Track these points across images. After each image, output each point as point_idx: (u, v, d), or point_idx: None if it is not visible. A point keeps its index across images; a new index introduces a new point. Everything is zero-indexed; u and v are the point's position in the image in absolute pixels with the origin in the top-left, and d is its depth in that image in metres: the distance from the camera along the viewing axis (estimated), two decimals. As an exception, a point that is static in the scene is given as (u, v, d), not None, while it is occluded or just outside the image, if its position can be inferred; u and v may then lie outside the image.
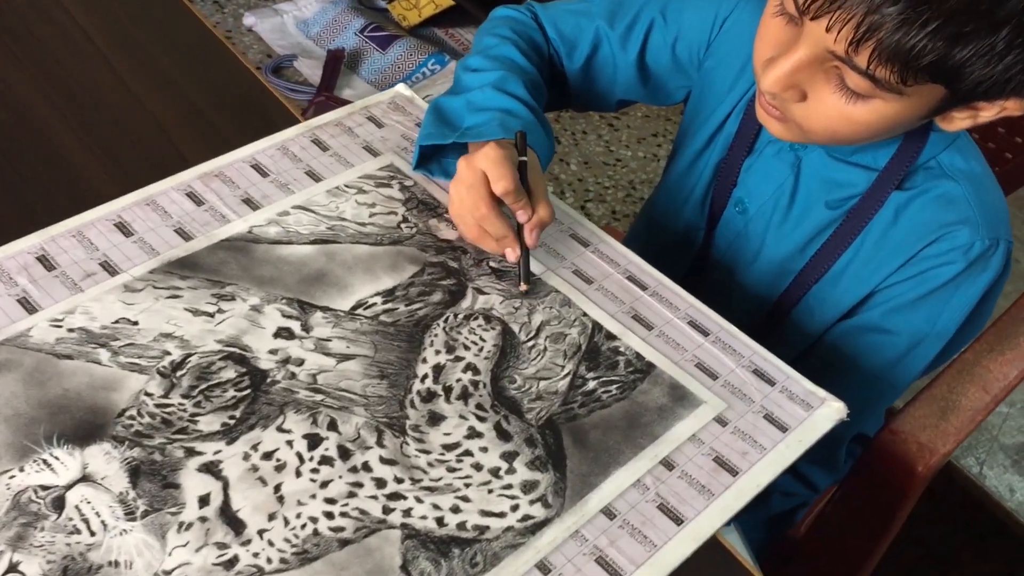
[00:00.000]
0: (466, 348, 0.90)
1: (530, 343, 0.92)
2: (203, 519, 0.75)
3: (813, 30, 0.82)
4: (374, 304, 0.92)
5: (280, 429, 0.81)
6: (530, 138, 0.99)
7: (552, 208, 0.96)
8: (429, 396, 0.86)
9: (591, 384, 0.90)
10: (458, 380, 0.88)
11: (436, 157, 1.05)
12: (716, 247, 1.13)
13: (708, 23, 1.09)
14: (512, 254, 0.95)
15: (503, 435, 0.84)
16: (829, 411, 0.91)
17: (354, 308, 0.91)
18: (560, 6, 1.16)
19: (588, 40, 1.13)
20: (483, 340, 0.91)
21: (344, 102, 2.42)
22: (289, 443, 0.81)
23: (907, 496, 1.16)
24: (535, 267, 0.98)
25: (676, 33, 1.11)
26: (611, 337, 0.94)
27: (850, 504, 1.25)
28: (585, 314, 0.95)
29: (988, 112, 0.88)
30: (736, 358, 0.94)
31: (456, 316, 0.93)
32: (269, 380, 0.84)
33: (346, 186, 1.02)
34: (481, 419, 0.85)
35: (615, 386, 0.90)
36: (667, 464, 0.85)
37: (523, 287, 0.95)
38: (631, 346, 0.93)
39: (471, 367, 0.89)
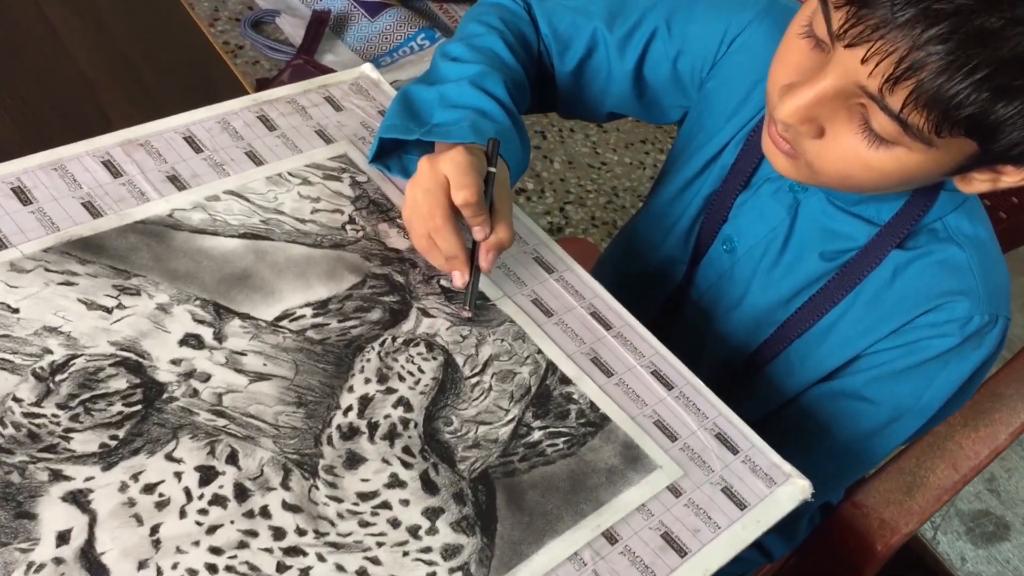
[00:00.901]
0: (401, 379, 0.79)
1: (474, 379, 0.81)
2: (58, 560, 0.63)
3: (844, 59, 0.71)
4: (302, 316, 0.81)
5: (169, 457, 0.70)
6: (503, 147, 0.88)
7: (513, 231, 0.85)
8: (350, 433, 0.75)
9: (536, 434, 0.79)
10: (387, 416, 0.76)
11: (397, 152, 0.94)
12: (697, 286, 1.02)
13: (716, 40, 0.98)
14: (460, 278, 0.84)
15: (429, 487, 0.73)
16: (793, 489, 0.81)
17: (278, 319, 0.80)
18: (558, 0, 1.05)
19: (583, 41, 1.02)
20: (421, 371, 0.80)
21: (325, 69, 2.29)
22: (178, 475, 0.69)
23: (863, 574, 1.07)
24: (491, 291, 0.87)
25: (679, 46, 1.00)
26: (565, 381, 0.83)
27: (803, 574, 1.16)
28: (540, 351, 0.84)
29: (1012, 178, 0.78)
30: (699, 418, 0.84)
31: (394, 340, 0.81)
32: (166, 396, 0.73)
33: (290, 174, 0.90)
34: (407, 465, 0.74)
35: (563, 439, 0.79)
36: (610, 537, 0.74)
37: (466, 312, 0.84)
38: (586, 393, 0.82)
39: (403, 402, 0.77)
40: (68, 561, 0.63)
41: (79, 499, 0.66)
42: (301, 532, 0.68)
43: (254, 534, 0.68)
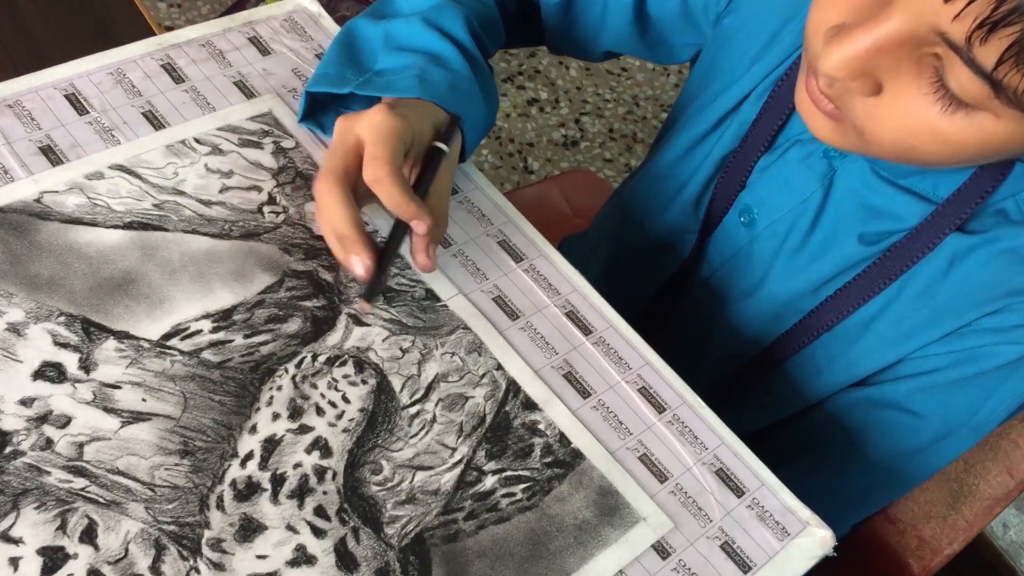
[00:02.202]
0: (319, 412, 0.63)
1: (414, 409, 0.65)
2: None
3: None
4: (198, 332, 0.64)
5: (5, 537, 0.54)
6: (460, 100, 0.71)
7: (445, 224, 0.69)
8: (248, 490, 0.59)
9: (489, 481, 0.63)
10: (297, 465, 0.60)
11: (336, 107, 0.76)
12: (707, 262, 0.85)
13: None
14: (360, 264, 0.64)
15: (345, 563, 0.58)
16: (811, 543, 0.66)
17: (167, 337, 0.64)
18: None
19: None
20: (346, 401, 0.64)
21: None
22: (13, 563, 0.54)
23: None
24: (441, 288, 0.70)
25: None
26: (530, 406, 0.66)
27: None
28: (499, 367, 0.68)
29: None
30: (696, 449, 0.68)
31: (315, 359, 0.65)
32: (8, 451, 0.57)
33: (197, 141, 0.73)
34: (319, 533, 0.58)
35: (522, 486, 0.63)
36: (577, 620, 0.59)
37: (362, 305, 0.66)
38: (555, 422, 0.66)
39: (321, 445, 0.62)
40: None
41: None
42: (172, 635, 0.53)
43: (109, 642, 0.53)
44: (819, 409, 0.81)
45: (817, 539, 0.66)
